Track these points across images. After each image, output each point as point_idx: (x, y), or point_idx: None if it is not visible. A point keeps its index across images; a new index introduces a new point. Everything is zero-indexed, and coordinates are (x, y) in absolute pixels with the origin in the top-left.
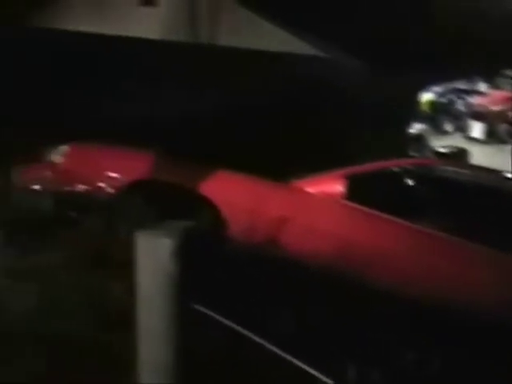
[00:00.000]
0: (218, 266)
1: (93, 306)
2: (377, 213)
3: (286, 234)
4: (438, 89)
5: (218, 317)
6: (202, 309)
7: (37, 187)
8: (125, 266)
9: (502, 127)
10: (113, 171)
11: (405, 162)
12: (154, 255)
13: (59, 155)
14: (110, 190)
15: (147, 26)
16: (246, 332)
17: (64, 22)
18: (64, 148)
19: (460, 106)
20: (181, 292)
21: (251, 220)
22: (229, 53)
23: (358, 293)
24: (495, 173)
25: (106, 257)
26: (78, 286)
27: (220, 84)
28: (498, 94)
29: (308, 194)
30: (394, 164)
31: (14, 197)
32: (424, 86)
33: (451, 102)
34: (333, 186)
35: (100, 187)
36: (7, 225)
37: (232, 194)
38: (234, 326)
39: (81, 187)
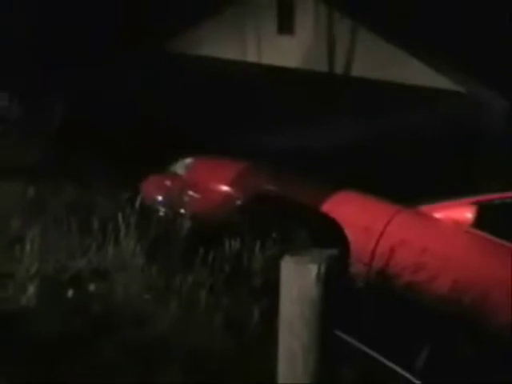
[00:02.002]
0: (354, 292)
1: (232, 326)
2: (504, 242)
3: (404, 257)
4: None
5: (355, 343)
6: (342, 335)
7: (159, 198)
8: (263, 288)
9: None
10: (235, 185)
11: None
12: (298, 281)
13: (183, 167)
14: (233, 204)
15: (285, 54)
16: (382, 358)
17: (206, 49)
18: (188, 160)
19: None
20: (322, 318)
21: (371, 240)
22: (366, 84)
23: (474, 326)
24: None
25: (244, 276)
26: (217, 306)
27: (355, 115)
28: None
29: (432, 219)
30: None
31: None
32: None
33: None
34: (461, 212)
35: (223, 201)
36: (148, 243)
37: (354, 213)
38: (370, 351)
39: (203, 199)
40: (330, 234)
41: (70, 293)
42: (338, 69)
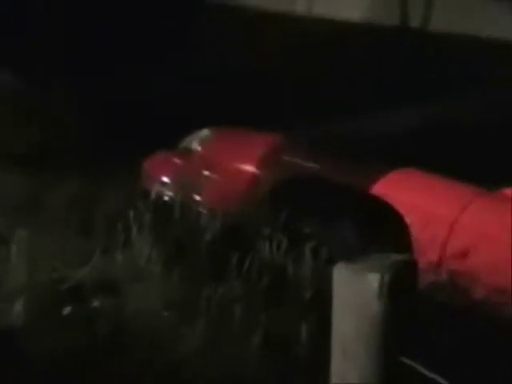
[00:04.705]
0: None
1: (271, 344)
2: None
3: (484, 256)
4: None
5: (425, 371)
6: (408, 361)
7: (165, 179)
8: (310, 301)
9: None
10: (264, 163)
11: None
12: (355, 295)
13: (198, 142)
14: (262, 189)
15: (347, 4)
16: None
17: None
18: (204, 133)
19: None
20: (385, 339)
21: (441, 233)
22: (446, 39)
23: None
24: None
25: (283, 288)
26: (253, 322)
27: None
28: None
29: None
30: None
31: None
32: None
33: None
34: None
35: (249, 184)
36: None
37: (416, 197)
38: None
39: (223, 182)
40: (385, 225)
41: (68, 309)
42: (413, 22)
